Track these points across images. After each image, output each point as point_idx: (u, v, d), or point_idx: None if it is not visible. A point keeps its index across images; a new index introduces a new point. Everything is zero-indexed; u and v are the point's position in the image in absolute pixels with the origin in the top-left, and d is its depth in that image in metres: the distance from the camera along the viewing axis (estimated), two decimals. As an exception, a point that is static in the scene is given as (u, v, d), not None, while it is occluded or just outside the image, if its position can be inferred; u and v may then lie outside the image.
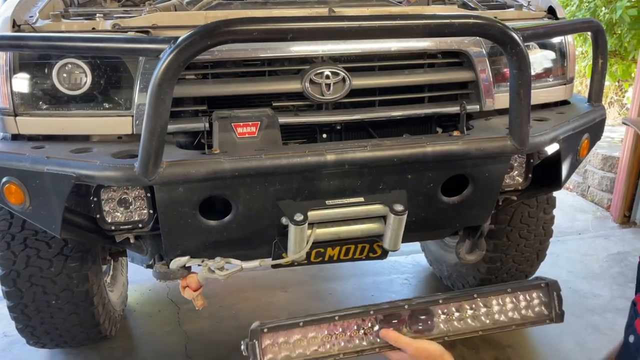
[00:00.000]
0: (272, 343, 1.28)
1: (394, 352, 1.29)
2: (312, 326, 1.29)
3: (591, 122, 1.92)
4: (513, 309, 1.35)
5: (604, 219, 3.88)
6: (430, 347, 1.24)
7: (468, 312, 1.34)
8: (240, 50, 1.67)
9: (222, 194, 1.58)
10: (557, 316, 1.36)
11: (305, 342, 1.29)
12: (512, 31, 1.43)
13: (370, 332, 1.30)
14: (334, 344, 1.30)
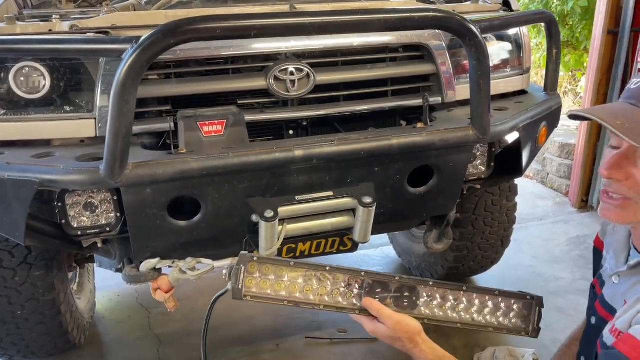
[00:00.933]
0: (258, 275, 1.27)
1: (371, 321, 1.28)
2: (302, 270, 1.29)
3: (548, 111, 1.99)
4: (493, 313, 1.37)
5: (563, 204, 4.01)
6: (410, 323, 1.24)
7: (450, 303, 1.35)
8: (203, 49, 1.67)
9: (190, 193, 1.58)
10: (534, 331, 1.41)
11: (289, 284, 1.28)
12: (470, 23, 1.47)
13: (355, 294, 1.29)
14: (317, 294, 1.29)
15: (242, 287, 1.26)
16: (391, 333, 1.24)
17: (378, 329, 1.27)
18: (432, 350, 1.23)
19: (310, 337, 2.62)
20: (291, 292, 1.29)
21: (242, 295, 1.26)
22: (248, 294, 1.27)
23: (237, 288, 1.26)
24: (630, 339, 0.97)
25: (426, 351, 1.22)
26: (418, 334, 1.24)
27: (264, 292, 1.28)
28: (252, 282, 1.27)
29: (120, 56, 1.32)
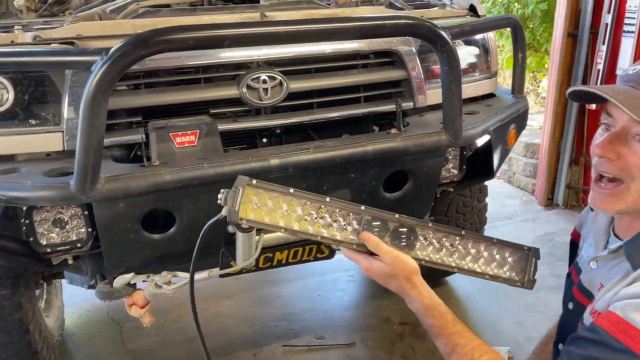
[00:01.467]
0: (255, 199, 1.21)
1: (366, 258, 1.24)
2: (301, 200, 1.24)
3: (517, 113, 2.03)
4: (488, 262, 1.33)
5: (529, 202, 4.10)
6: (408, 261, 1.20)
7: (446, 249, 1.31)
8: (173, 59, 1.64)
9: (164, 206, 1.55)
10: (529, 282, 1.35)
11: (287, 212, 1.24)
12: (442, 30, 1.49)
13: (353, 229, 1.25)
14: (315, 225, 1.24)
15: (239, 210, 1.20)
16: (388, 270, 1.20)
17: (374, 265, 1.22)
18: (429, 294, 1.18)
19: (287, 345, 2.60)
20: (289, 221, 1.24)
21: (239, 219, 1.21)
22: (244, 218, 1.22)
23: (234, 210, 1.20)
24: (609, 314, 1.00)
25: (424, 294, 1.17)
26: (415, 274, 1.19)
27: (260, 217, 1.23)
28: (249, 207, 1.21)
29: (89, 68, 1.28)
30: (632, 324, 0.94)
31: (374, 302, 2.89)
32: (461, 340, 1.12)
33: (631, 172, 1.01)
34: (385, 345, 2.58)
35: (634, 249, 1.05)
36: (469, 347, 1.11)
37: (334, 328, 2.71)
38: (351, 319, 2.81)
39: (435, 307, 1.17)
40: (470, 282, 2.96)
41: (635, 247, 1.05)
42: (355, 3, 2.09)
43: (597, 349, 0.98)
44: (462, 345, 1.11)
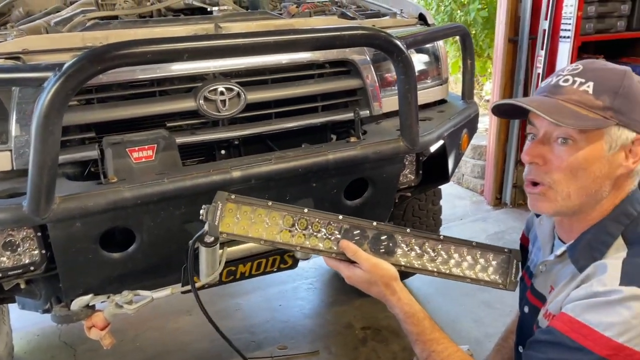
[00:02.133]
0: (236, 213, 1.23)
1: (347, 266, 1.25)
2: (279, 212, 1.25)
3: (468, 118, 2.10)
4: (471, 267, 1.35)
5: (479, 203, 4.23)
6: (386, 267, 1.22)
7: (427, 254, 1.33)
8: (126, 72, 1.60)
9: (124, 224, 1.50)
10: (511, 284, 1.36)
11: (267, 225, 1.25)
12: (397, 39, 1.52)
13: (332, 238, 1.26)
14: (294, 235, 1.26)
15: (219, 224, 1.22)
16: (367, 277, 1.21)
17: (354, 273, 1.24)
18: (409, 300, 1.21)
19: (250, 357, 2.57)
20: (270, 233, 1.25)
21: (219, 232, 1.23)
22: (225, 232, 1.23)
23: (214, 225, 1.22)
24: (562, 315, 1.05)
25: (403, 300, 1.20)
26: (394, 280, 1.22)
27: (241, 230, 1.24)
28: (230, 221, 1.23)
29: (41, 85, 1.23)
30: (584, 323, 0.99)
31: (335, 308, 2.91)
32: (438, 347, 1.15)
33: (555, 174, 1.07)
34: (348, 351, 2.60)
35: (577, 253, 1.11)
36: (445, 353, 1.15)
37: (297, 337, 2.70)
38: (313, 327, 2.81)
39: (414, 314, 1.19)
40: (429, 283, 3.02)
41: (578, 251, 1.11)
42: (309, 13, 2.11)
43: (554, 350, 1.03)
44: (438, 352, 1.15)
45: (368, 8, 2.39)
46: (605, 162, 1.05)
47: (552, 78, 1.12)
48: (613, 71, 1.07)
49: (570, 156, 1.05)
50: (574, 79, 1.07)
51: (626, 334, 0.95)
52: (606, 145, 1.04)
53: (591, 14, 3.45)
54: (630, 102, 1.04)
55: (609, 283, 1.00)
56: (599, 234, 1.10)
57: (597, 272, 1.05)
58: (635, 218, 1.09)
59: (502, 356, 1.56)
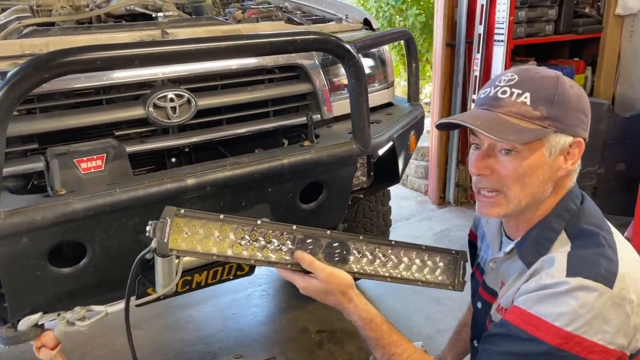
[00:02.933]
0: (185, 229, 1.19)
1: (302, 277, 1.25)
2: (231, 225, 1.22)
3: (415, 120, 2.15)
4: (420, 269, 1.38)
5: (424, 202, 4.34)
6: (342, 275, 1.23)
7: (378, 260, 1.34)
8: (71, 80, 1.54)
9: (74, 237, 1.44)
10: (459, 284, 1.41)
11: (218, 239, 1.22)
12: (348, 44, 1.55)
13: (287, 249, 1.25)
14: (247, 248, 1.24)
15: (168, 242, 1.18)
16: (323, 286, 1.22)
17: (310, 283, 1.24)
18: (366, 306, 1.22)
19: (206, 367, 2.53)
20: (221, 248, 1.22)
21: (169, 250, 1.18)
22: (175, 249, 1.19)
23: (163, 242, 1.17)
24: (514, 308, 1.10)
25: (360, 307, 1.22)
26: (350, 288, 1.23)
27: (191, 247, 1.20)
28: (179, 237, 1.19)
29: (-17, 94, 1.17)
30: (535, 315, 1.04)
31: (290, 314, 2.90)
32: (397, 349, 1.18)
33: (505, 183, 1.12)
34: (305, 355, 2.60)
35: (524, 250, 1.17)
36: (405, 355, 1.17)
37: (253, 345, 2.67)
38: (269, 334, 2.79)
39: (372, 319, 1.21)
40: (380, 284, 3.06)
41: (525, 248, 1.17)
42: (256, 19, 2.11)
43: (508, 342, 1.08)
44: (398, 354, 1.17)
45: (313, 13, 2.41)
46: (547, 167, 1.11)
47: (490, 89, 1.15)
48: (546, 79, 1.11)
49: (515, 166, 1.10)
50: (511, 90, 1.11)
51: (574, 323, 1.00)
52: (547, 152, 1.10)
53: (522, 18, 3.63)
54: (564, 109, 1.09)
55: (556, 275, 1.06)
56: (543, 230, 1.15)
57: (545, 265, 1.11)
58: (575, 213, 1.16)
59: (457, 350, 1.62)
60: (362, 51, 1.82)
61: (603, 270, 1.04)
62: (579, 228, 1.14)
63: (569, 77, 1.16)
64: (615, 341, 1.02)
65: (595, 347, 1.01)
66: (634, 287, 1.05)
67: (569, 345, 1.01)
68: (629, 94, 4.08)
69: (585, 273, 1.03)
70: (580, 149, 1.13)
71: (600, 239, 1.11)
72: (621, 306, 1.02)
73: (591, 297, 1.01)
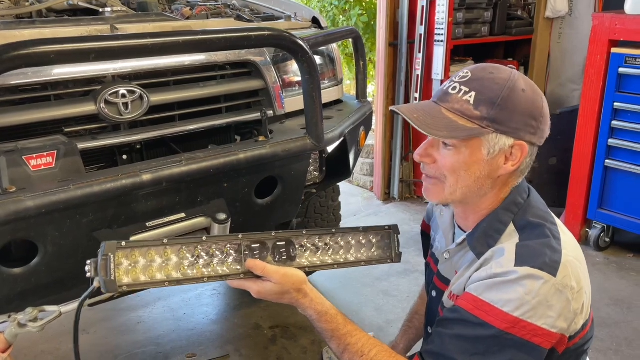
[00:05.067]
0: (128, 262, 1.16)
1: (256, 283, 1.26)
2: (176, 247, 1.21)
3: (364, 116, 2.22)
4: (360, 249, 1.44)
5: (370, 199, 4.44)
6: (295, 273, 1.25)
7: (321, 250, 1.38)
8: (17, 75, 1.49)
9: (25, 236, 1.40)
10: (397, 256, 1.47)
11: (164, 265, 1.20)
12: (302, 41, 1.59)
13: (235, 259, 1.26)
14: (197, 268, 1.23)
15: (115, 278, 1.13)
16: (279, 288, 1.24)
17: (264, 287, 1.26)
18: (321, 300, 1.26)
19: (159, 368, 2.50)
20: (167, 272, 1.20)
21: (117, 288, 1.14)
22: (123, 284, 1.15)
23: (110, 280, 1.13)
24: (466, 295, 1.17)
25: (315, 301, 1.25)
26: (304, 283, 1.26)
27: (139, 279, 1.17)
28: (121, 271, 1.15)
29: None
30: (485, 301, 1.11)
31: (242, 311, 2.91)
32: (352, 339, 1.21)
33: (443, 172, 1.19)
34: (259, 351, 2.61)
35: (475, 241, 1.23)
36: (359, 344, 1.21)
37: (205, 344, 2.66)
38: (221, 332, 2.78)
39: (327, 312, 1.24)
40: (330, 278, 3.13)
41: (475, 239, 1.23)
42: (206, 16, 2.11)
43: (459, 326, 1.14)
44: (352, 344, 1.21)
45: (261, 11, 2.43)
46: (484, 165, 1.16)
47: (447, 83, 1.21)
48: (496, 81, 1.14)
49: (453, 160, 1.16)
50: (460, 88, 1.15)
51: (521, 309, 1.08)
52: (484, 150, 1.15)
53: (460, 20, 3.80)
54: (507, 112, 1.12)
55: (505, 265, 1.13)
56: (492, 222, 1.22)
57: (495, 255, 1.17)
58: (522, 206, 1.22)
59: (409, 336, 1.69)
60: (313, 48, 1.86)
61: (548, 259, 1.11)
62: (526, 220, 1.20)
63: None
64: (557, 325, 1.10)
65: (539, 330, 1.08)
66: (574, 275, 1.13)
67: (515, 330, 1.08)
68: (558, 92, 4.35)
69: (532, 263, 1.10)
70: (523, 152, 1.16)
71: (545, 230, 1.18)
72: (563, 293, 1.10)
73: (537, 285, 1.08)
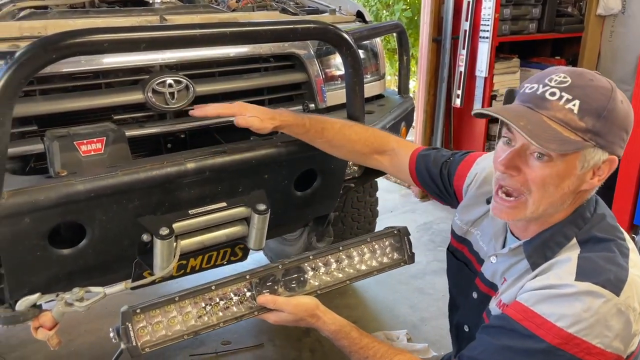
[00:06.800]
0: (146, 324, 1.23)
1: (272, 313, 1.34)
2: (189, 299, 1.27)
3: (406, 111, 2.20)
4: (372, 257, 1.46)
5: (407, 196, 4.41)
6: (306, 301, 1.32)
7: (333, 266, 1.42)
8: (70, 63, 1.54)
9: (75, 218, 1.46)
10: (409, 257, 1.50)
11: (181, 318, 1.26)
12: (346, 34, 1.59)
13: (248, 297, 1.32)
14: (212, 314, 1.29)
15: (137, 343, 1.21)
16: (293, 317, 1.32)
17: (280, 317, 1.33)
18: (333, 320, 1.32)
19: (194, 354, 2.55)
20: (186, 324, 1.28)
21: (140, 352, 1.22)
22: (145, 346, 1.23)
23: (132, 346, 1.21)
24: (516, 304, 1.13)
25: (328, 322, 1.31)
26: (317, 308, 1.32)
27: (160, 336, 1.25)
28: (144, 332, 1.23)
29: (-11, 73, 1.18)
30: (537, 313, 1.06)
31: (277, 302, 2.94)
32: (370, 352, 1.25)
33: (529, 187, 1.11)
34: (292, 342, 2.64)
35: (532, 250, 1.18)
36: (378, 355, 1.24)
37: (240, 332, 2.70)
38: (256, 322, 2.80)
39: (340, 330, 1.30)
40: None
41: (533, 248, 1.18)
42: (251, 8, 2.13)
43: (506, 336, 1.10)
44: (372, 356, 1.24)
45: (306, 5, 2.44)
46: (575, 179, 1.09)
47: (539, 86, 1.09)
48: (600, 90, 1.06)
49: (545, 173, 1.08)
50: (560, 94, 1.06)
51: (576, 325, 1.02)
52: (579, 164, 1.07)
53: (507, 16, 3.72)
54: (610, 124, 1.05)
55: (564, 277, 1.07)
56: (555, 235, 1.16)
57: (554, 266, 1.13)
58: (589, 220, 1.16)
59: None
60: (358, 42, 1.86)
61: (613, 277, 1.05)
62: (591, 234, 1.14)
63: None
64: (612, 345, 1.03)
65: (594, 349, 1.03)
66: (638, 296, 1.06)
67: (568, 346, 1.03)
68: (607, 92, 4.20)
69: (595, 278, 1.04)
70: (611, 167, 1.10)
71: (612, 245, 1.11)
72: (624, 314, 1.04)
73: (597, 303, 1.02)
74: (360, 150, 1.62)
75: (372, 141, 1.61)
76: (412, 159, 1.56)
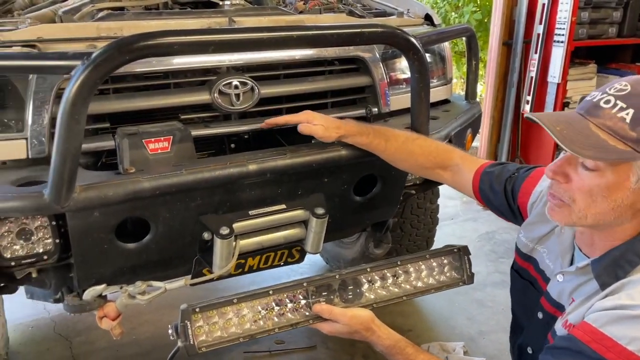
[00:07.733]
0: (204, 324, 1.25)
1: (326, 323, 1.33)
2: (246, 302, 1.29)
3: (472, 118, 2.14)
4: (429, 275, 1.44)
5: (469, 203, 4.28)
6: (362, 314, 1.31)
7: (390, 280, 1.41)
8: (142, 63, 1.59)
9: (140, 214, 1.51)
10: (469, 278, 1.46)
11: (237, 320, 1.28)
12: (414, 38, 1.55)
13: (303, 305, 1.32)
14: (268, 319, 1.30)
15: (194, 342, 1.23)
16: (348, 329, 1.31)
17: (335, 328, 1.33)
18: (388, 334, 1.30)
19: (248, 352, 2.59)
20: (242, 326, 1.29)
21: (197, 350, 1.24)
22: (202, 346, 1.25)
23: (190, 345, 1.23)
24: (584, 325, 1.07)
25: (383, 337, 1.29)
26: (372, 322, 1.30)
27: (216, 337, 1.26)
28: (200, 331, 1.25)
29: (68, 73, 1.23)
30: (607, 335, 1.01)
31: (332, 304, 2.93)
32: None
33: (573, 195, 1.08)
34: (345, 346, 2.62)
35: (601, 270, 1.12)
36: None
37: (294, 333, 2.71)
38: (310, 322, 2.83)
39: (395, 345, 1.28)
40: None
41: (602, 268, 1.12)
42: (319, 10, 2.13)
43: (572, 358, 1.05)
44: None
45: (373, 7, 2.41)
46: (629, 193, 1.03)
47: (597, 94, 1.07)
48: None
49: (592, 182, 1.04)
50: (615, 102, 1.02)
51: None
52: (634, 177, 1.02)
53: (584, 19, 3.54)
54: None
55: (637, 298, 1.01)
56: (627, 253, 1.09)
57: (626, 286, 1.06)
58: None
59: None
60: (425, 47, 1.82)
61: None
62: None
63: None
64: None
65: None
66: None
67: None
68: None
69: None
70: None
71: None
72: None
73: None
74: (423, 164, 1.59)
75: (435, 155, 1.58)
76: (475, 176, 1.52)
